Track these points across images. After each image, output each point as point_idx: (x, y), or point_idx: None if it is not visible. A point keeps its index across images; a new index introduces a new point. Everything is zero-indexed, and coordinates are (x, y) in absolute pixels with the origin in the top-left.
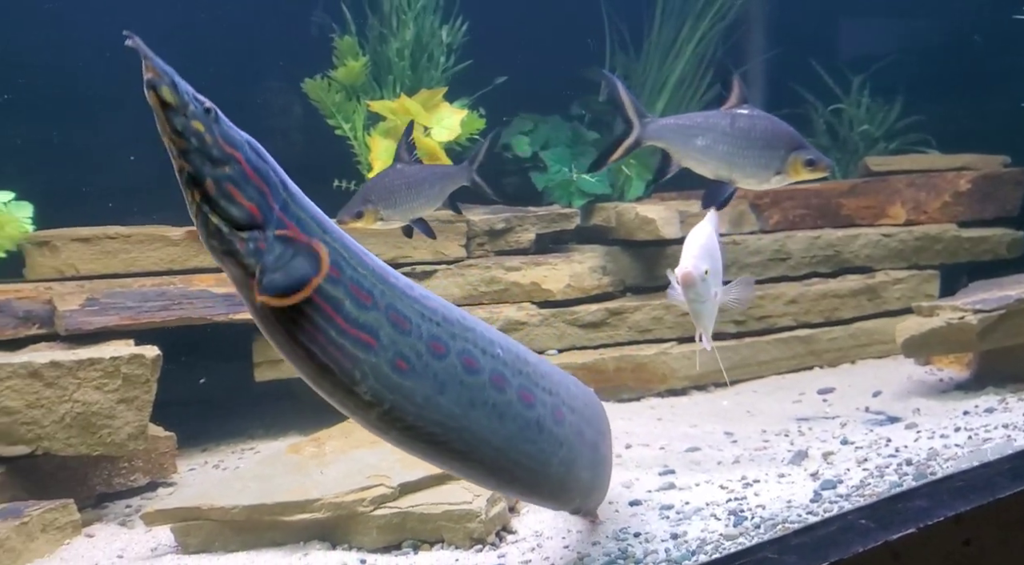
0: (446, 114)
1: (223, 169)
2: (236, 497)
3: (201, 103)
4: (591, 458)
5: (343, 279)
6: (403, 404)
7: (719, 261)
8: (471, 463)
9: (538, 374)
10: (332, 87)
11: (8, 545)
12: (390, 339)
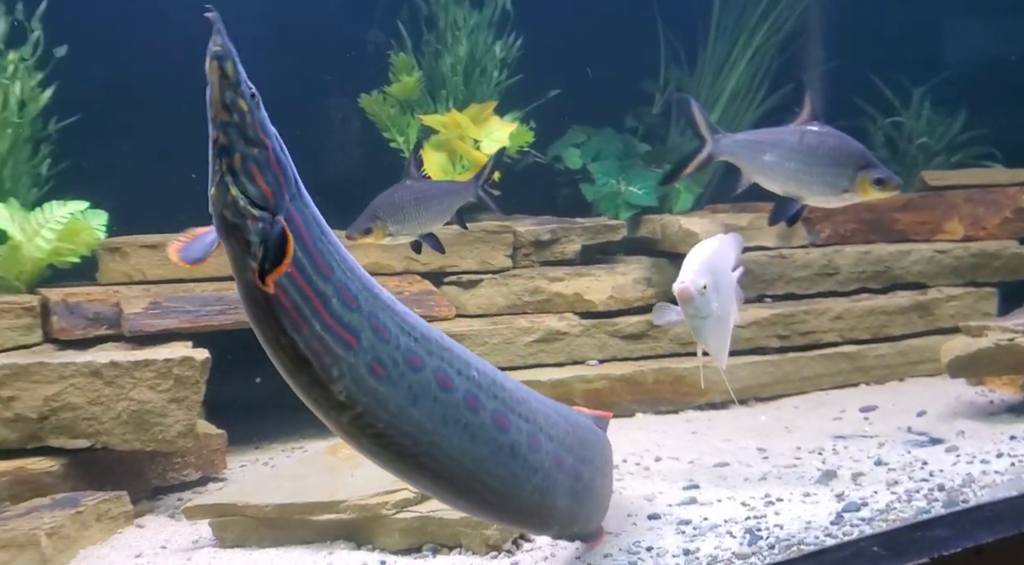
0: (495, 127)
1: (253, 149)
2: (270, 495)
3: (250, 87)
4: (571, 487)
5: (333, 279)
6: (376, 410)
7: (726, 277)
8: (440, 481)
9: (515, 400)
10: (387, 102)
11: (63, 532)
12: (370, 343)
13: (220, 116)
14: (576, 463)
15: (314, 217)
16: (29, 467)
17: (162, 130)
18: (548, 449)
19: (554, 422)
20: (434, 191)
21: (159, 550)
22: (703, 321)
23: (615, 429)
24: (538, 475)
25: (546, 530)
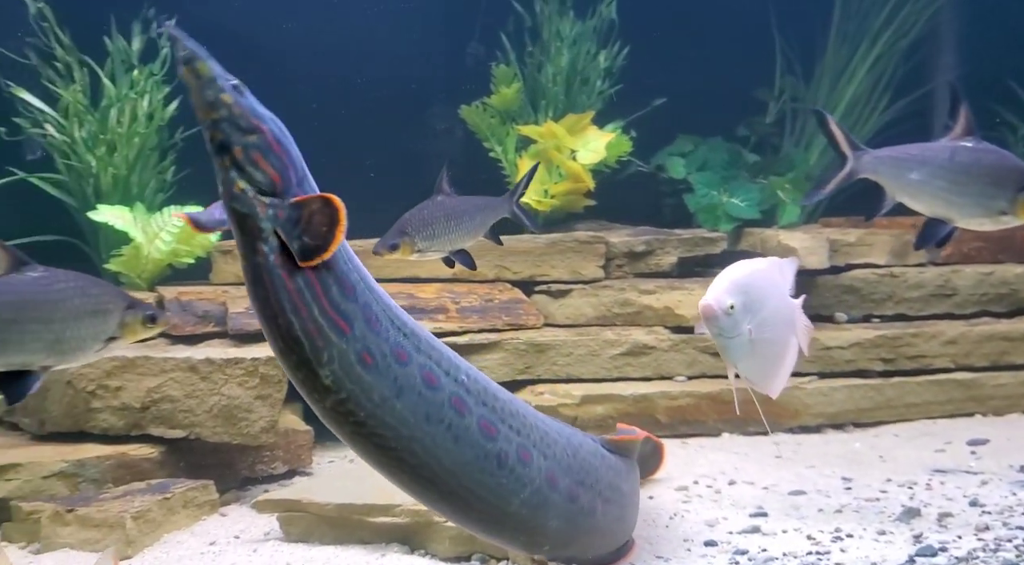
0: (592, 137)
1: (250, 138)
2: (332, 494)
3: (229, 79)
4: (565, 509)
5: (336, 268)
6: (359, 397)
7: (773, 301)
8: (421, 480)
9: (507, 412)
10: (487, 112)
11: (149, 516)
12: (362, 332)
13: (209, 115)
14: (573, 485)
15: None
16: (131, 453)
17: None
18: (541, 466)
19: (551, 441)
20: (466, 207)
21: (232, 540)
22: (730, 342)
23: (695, 449)
24: (527, 490)
25: (536, 550)
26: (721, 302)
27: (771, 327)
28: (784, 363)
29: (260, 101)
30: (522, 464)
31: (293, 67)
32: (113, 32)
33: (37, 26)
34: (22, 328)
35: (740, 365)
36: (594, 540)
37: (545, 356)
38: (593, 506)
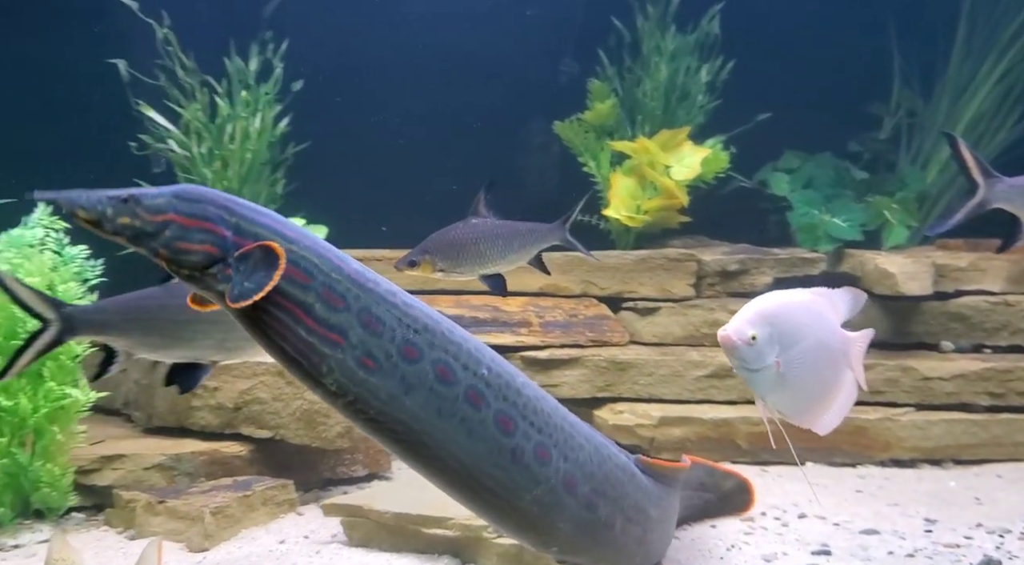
0: (687, 153)
1: (164, 234)
2: (392, 503)
3: (117, 198)
4: (580, 515)
5: (314, 285)
6: (366, 398)
7: (798, 332)
8: (434, 470)
9: (530, 409)
10: (582, 127)
11: (228, 512)
12: (359, 339)
13: (121, 240)
14: (593, 495)
15: (274, 231)
16: (223, 450)
17: (374, 157)
18: (560, 467)
19: (576, 445)
20: (502, 231)
21: (300, 540)
22: (754, 374)
23: (773, 477)
24: (540, 488)
25: (543, 548)
26: (741, 333)
27: (809, 362)
28: (831, 399)
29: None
30: (539, 462)
31: (399, 87)
32: (232, 54)
33: (163, 50)
34: (195, 328)
35: (768, 398)
36: (607, 554)
37: (626, 374)
38: (611, 520)
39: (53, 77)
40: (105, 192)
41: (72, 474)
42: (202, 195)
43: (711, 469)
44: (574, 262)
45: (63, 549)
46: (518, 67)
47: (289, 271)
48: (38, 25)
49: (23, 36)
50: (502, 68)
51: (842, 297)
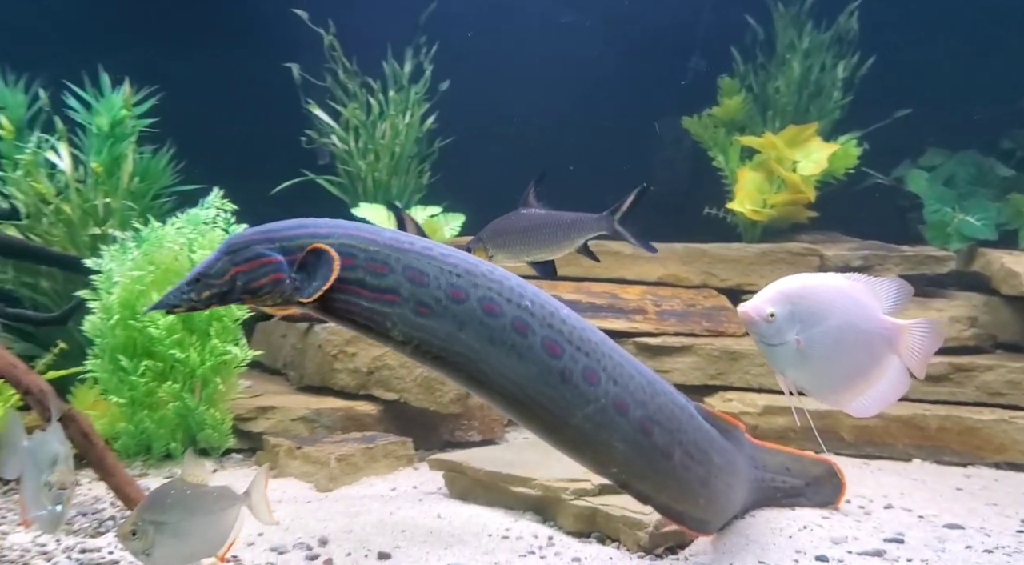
0: (815, 149)
1: (237, 286)
2: (486, 463)
3: (190, 282)
4: (634, 437)
5: (358, 263)
6: (428, 339)
7: (823, 313)
8: (494, 394)
9: (576, 337)
10: (711, 122)
11: (351, 460)
12: (410, 292)
13: (215, 305)
14: (646, 420)
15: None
16: (356, 408)
17: (511, 151)
18: (608, 389)
19: (626, 373)
20: (548, 222)
21: (410, 489)
22: (772, 349)
23: (872, 470)
24: (590, 406)
25: (604, 470)
26: (760, 310)
27: (833, 342)
28: (866, 382)
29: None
30: (587, 382)
31: (536, 86)
32: (389, 57)
33: (329, 55)
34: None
35: (788, 373)
36: (668, 485)
37: (738, 364)
38: (669, 449)
39: (237, 79)
40: (181, 282)
41: (231, 419)
42: (245, 240)
43: (798, 456)
44: (695, 254)
45: (195, 467)
46: (650, 64)
47: None
48: (225, 34)
49: (214, 44)
50: (634, 65)
51: (885, 286)
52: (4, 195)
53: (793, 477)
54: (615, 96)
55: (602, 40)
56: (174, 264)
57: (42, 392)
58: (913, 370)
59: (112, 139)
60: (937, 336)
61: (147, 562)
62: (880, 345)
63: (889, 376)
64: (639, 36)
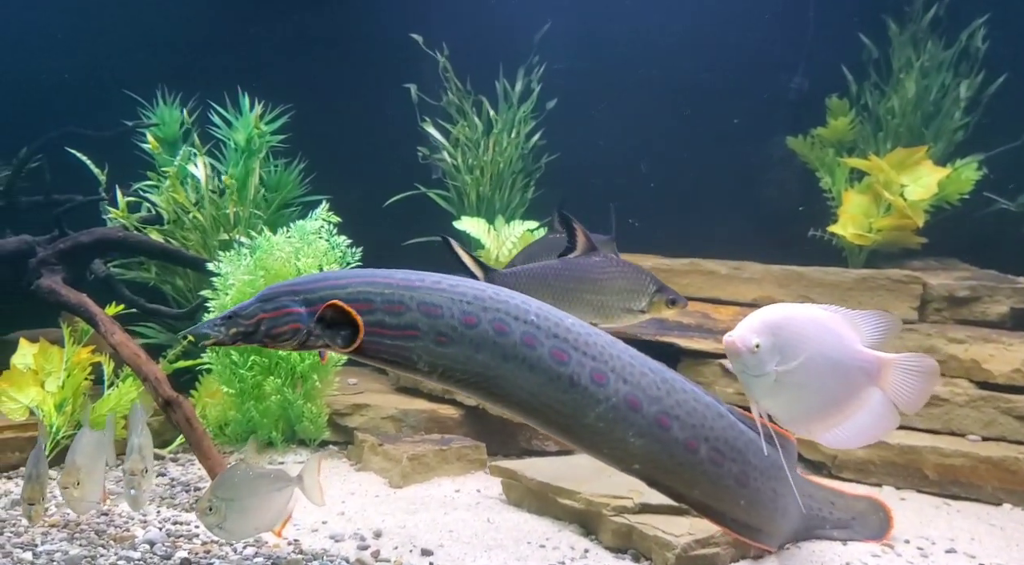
0: (925, 172)
1: (261, 329)
2: (539, 473)
3: (224, 319)
4: (651, 431)
5: (376, 306)
6: (450, 365)
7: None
8: (510, 404)
9: (581, 342)
10: (819, 143)
11: (424, 460)
12: (428, 325)
13: (240, 343)
14: (663, 415)
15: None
16: (440, 411)
17: (615, 168)
18: (618, 388)
19: (636, 371)
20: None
21: (474, 492)
22: (753, 380)
23: (949, 511)
24: (601, 406)
25: (626, 466)
26: (746, 341)
27: (808, 374)
28: (841, 415)
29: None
30: (595, 384)
31: (640, 104)
32: (500, 76)
33: (442, 75)
34: (576, 295)
35: (762, 403)
36: (698, 479)
37: None
38: (692, 443)
39: (361, 99)
40: (217, 318)
41: (327, 413)
42: (275, 292)
43: (839, 493)
44: (791, 276)
45: (253, 453)
46: (754, 83)
47: (355, 306)
48: (352, 57)
49: (342, 66)
50: (738, 83)
51: (867, 319)
52: (151, 203)
53: (839, 511)
54: (721, 115)
55: (709, 59)
56: (282, 270)
57: (156, 380)
58: (902, 406)
59: (246, 153)
60: (928, 372)
61: (219, 534)
62: (858, 377)
63: (870, 409)
64: (745, 55)
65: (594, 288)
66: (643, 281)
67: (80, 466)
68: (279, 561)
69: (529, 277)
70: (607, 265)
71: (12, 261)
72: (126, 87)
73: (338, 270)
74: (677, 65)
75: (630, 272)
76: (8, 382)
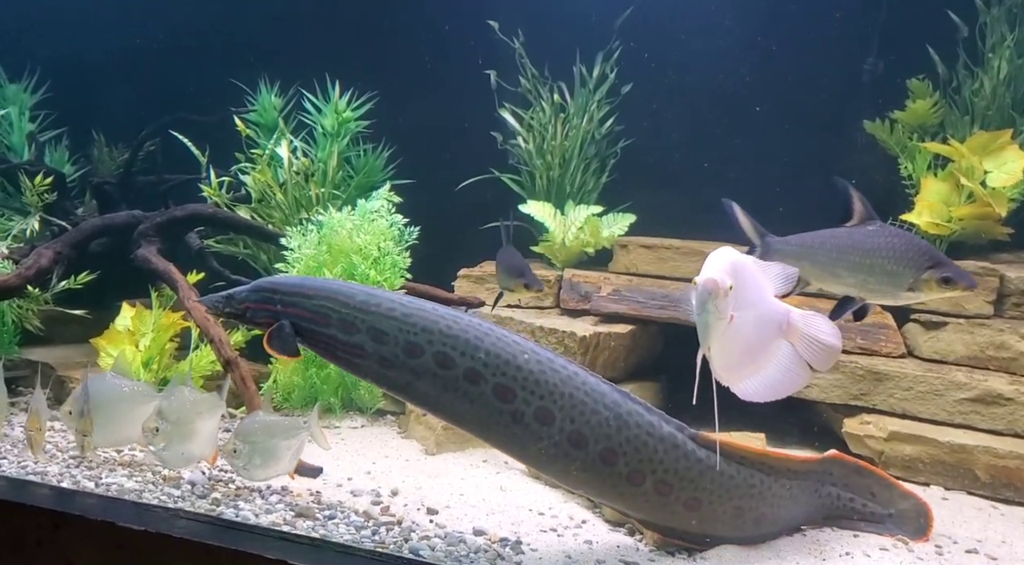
0: (1010, 158)
1: (247, 313)
2: None
3: (223, 297)
4: (595, 467)
5: (332, 322)
6: (391, 384)
7: (746, 290)
8: (458, 425)
9: (531, 382)
10: (899, 127)
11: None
12: (373, 349)
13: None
14: (608, 452)
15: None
16: None
17: (689, 154)
18: (563, 427)
19: (589, 411)
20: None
21: (500, 464)
22: (716, 324)
23: (998, 515)
24: (544, 442)
25: (571, 488)
26: (724, 282)
27: (752, 322)
28: (758, 366)
29: None
30: (539, 422)
31: (715, 88)
32: (577, 61)
33: (518, 62)
34: (842, 267)
35: (713, 348)
36: (641, 506)
37: (882, 385)
38: (637, 477)
39: (443, 85)
40: (219, 295)
41: None
42: (264, 287)
43: (888, 484)
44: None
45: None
46: (829, 65)
47: (313, 317)
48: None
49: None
50: (813, 66)
51: (773, 270)
52: (242, 183)
53: (877, 504)
54: (798, 98)
55: (785, 41)
56: (344, 245)
57: (220, 341)
58: (813, 363)
59: (332, 137)
60: (831, 332)
61: (242, 474)
62: (772, 329)
63: (779, 362)
64: (823, 36)
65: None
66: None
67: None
68: (296, 508)
69: (800, 245)
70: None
71: (122, 233)
72: (231, 76)
73: (316, 279)
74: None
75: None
76: (108, 339)
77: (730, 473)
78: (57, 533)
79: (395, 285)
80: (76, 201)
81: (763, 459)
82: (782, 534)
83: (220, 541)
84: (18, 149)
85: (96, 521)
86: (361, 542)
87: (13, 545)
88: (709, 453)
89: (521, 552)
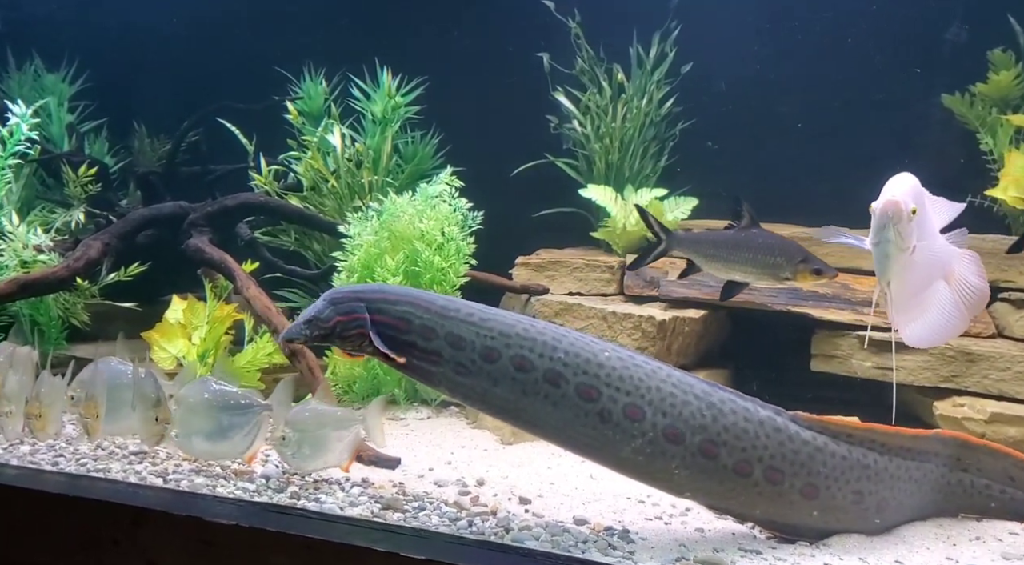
0: None
1: (337, 330)
2: None
3: (305, 322)
4: (696, 463)
5: (413, 327)
6: (468, 392)
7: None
8: (542, 433)
9: (615, 378)
10: (976, 101)
11: None
12: (450, 355)
13: (319, 342)
14: (708, 443)
15: (384, 300)
16: None
17: (751, 136)
18: (655, 422)
19: (678, 402)
20: None
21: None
22: (897, 255)
23: None
24: (637, 441)
25: (677, 493)
26: (908, 204)
27: (928, 258)
28: (924, 308)
29: None
30: (629, 419)
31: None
32: (634, 41)
33: (574, 43)
34: (735, 260)
35: (893, 283)
36: (756, 501)
37: (976, 367)
38: (744, 468)
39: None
40: (299, 321)
41: None
42: (344, 296)
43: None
44: None
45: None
46: (903, 38)
47: (396, 324)
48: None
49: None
50: (885, 40)
51: (939, 205)
52: (293, 171)
53: (1018, 488)
54: (869, 74)
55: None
56: (406, 231)
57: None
58: (967, 307)
59: (383, 124)
60: (982, 273)
61: (291, 463)
62: (939, 267)
63: (941, 306)
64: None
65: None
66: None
67: None
68: (381, 500)
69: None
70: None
71: (169, 223)
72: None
73: (396, 287)
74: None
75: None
76: (160, 333)
77: (841, 453)
78: (136, 530)
79: (459, 272)
80: (120, 193)
81: (871, 435)
82: (903, 523)
83: (321, 534)
84: (57, 140)
85: (180, 516)
86: (459, 533)
87: (86, 545)
88: (815, 434)
89: (631, 540)
